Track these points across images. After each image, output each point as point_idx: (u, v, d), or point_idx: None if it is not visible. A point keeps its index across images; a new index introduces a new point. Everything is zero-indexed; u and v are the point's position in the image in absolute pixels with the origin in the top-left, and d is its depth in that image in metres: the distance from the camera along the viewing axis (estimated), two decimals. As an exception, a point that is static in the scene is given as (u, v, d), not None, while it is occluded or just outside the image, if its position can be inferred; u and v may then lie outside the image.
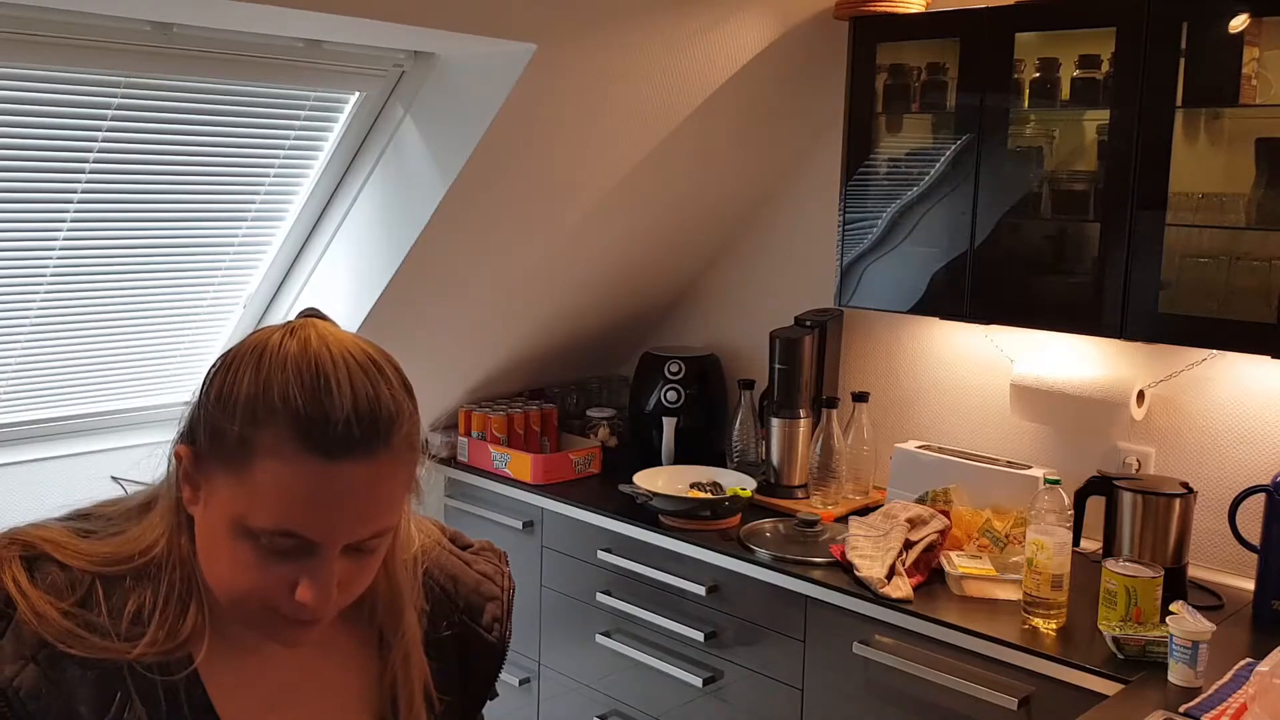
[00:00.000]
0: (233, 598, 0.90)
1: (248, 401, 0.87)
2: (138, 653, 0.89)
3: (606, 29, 2.22)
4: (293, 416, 0.85)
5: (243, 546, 0.88)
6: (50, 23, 1.91)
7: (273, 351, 0.89)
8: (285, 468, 0.85)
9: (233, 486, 0.87)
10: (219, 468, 0.88)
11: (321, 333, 0.90)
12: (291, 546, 0.87)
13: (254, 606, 0.90)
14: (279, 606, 0.89)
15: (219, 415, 0.88)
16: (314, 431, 0.85)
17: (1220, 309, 2.11)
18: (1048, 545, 2.00)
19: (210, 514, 0.90)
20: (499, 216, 2.57)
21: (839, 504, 2.65)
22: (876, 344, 2.86)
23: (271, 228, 2.59)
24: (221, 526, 0.88)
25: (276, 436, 0.85)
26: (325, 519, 0.86)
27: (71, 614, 0.89)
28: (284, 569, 0.88)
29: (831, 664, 2.25)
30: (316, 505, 0.86)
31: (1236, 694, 1.71)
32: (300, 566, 0.88)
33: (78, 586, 0.90)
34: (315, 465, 0.85)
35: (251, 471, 0.86)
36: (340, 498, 0.86)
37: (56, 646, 0.88)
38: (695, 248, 3.13)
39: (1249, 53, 2.01)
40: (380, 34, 2.09)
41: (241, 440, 0.86)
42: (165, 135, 2.24)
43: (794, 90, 2.75)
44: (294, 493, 0.85)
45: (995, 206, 2.33)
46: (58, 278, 2.33)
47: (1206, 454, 2.34)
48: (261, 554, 0.87)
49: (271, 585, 0.88)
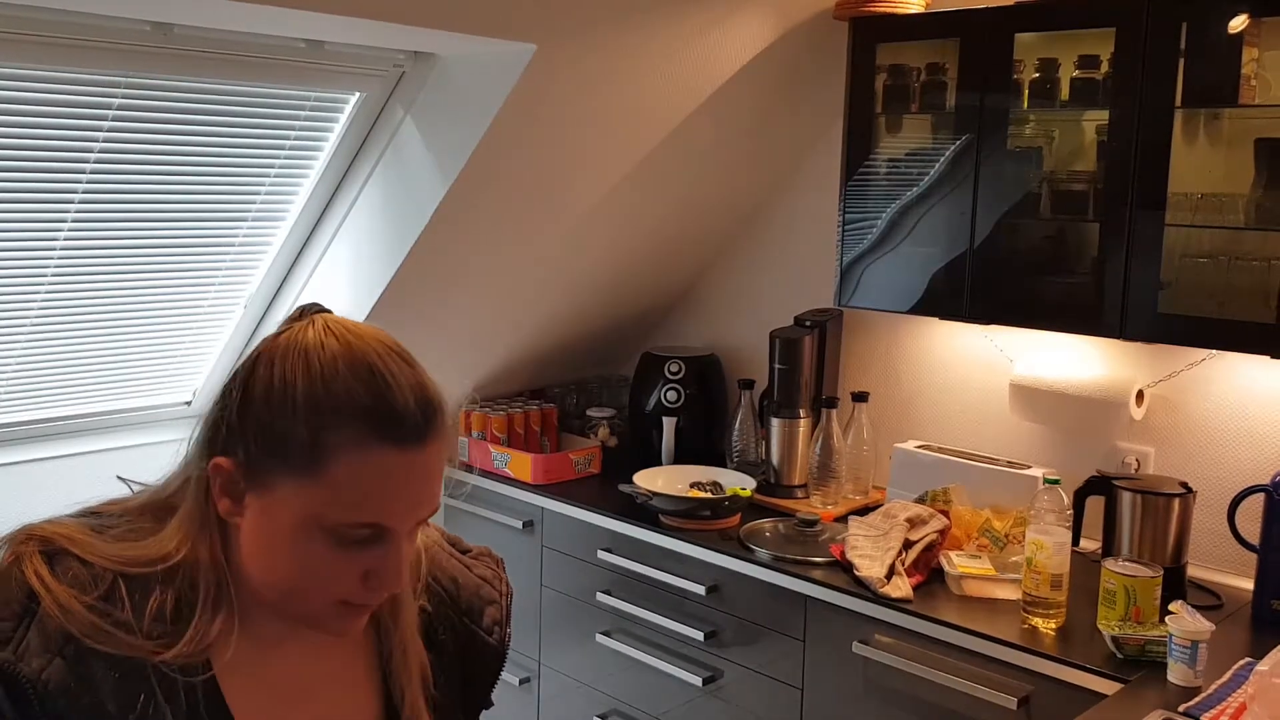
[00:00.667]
0: (298, 594, 0.93)
1: (309, 403, 0.89)
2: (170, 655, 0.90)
3: (606, 29, 2.23)
4: (363, 411, 0.89)
5: (316, 545, 0.90)
6: (50, 23, 1.91)
7: (317, 350, 0.91)
8: (364, 461, 0.88)
9: (306, 488, 0.89)
10: (283, 472, 0.90)
11: (350, 327, 0.95)
12: (369, 536, 0.91)
13: (318, 601, 0.93)
14: (350, 597, 0.93)
15: (277, 420, 0.90)
16: (386, 423, 0.89)
17: (1219, 309, 2.11)
18: (1047, 545, 2.00)
19: (273, 519, 0.91)
20: (499, 217, 2.57)
21: (839, 504, 2.66)
22: (876, 344, 2.86)
23: (272, 228, 2.59)
24: (289, 529, 0.90)
25: (349, 433, 0.88)
26: (403, 505, 0.91)
27: (97, 608, 0.89)
28: (357, 560, 0.91)
29: (831, 664, 2.25)
30: (395, 492, 0.90)
31: (1236, 693, 1.71)
32: (374, 555, 0.92)
33: (100, 582, 0.91)
34: (392, 456, 0.89)
35: (327, 469, 0.88)
36: (414, 483, 0.91)
37: (83, 641, 0.88)
38: (695, 248, 3.13)
39: (1248, 53, 2.01)
40: (380, 34, 2.10)
41: (313, 442, 0.88)
42: (166, 135, 2.24)
43: (794, 90, 2.75)
44: (375, 484, 0.89)
45: (995, 207, 2.33)
46: (58, 278, 2.33)
47: (1206, 454, 2.34)
48: (336, 548, 0.90)
49: (344, 577, 0.92)
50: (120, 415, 2.73)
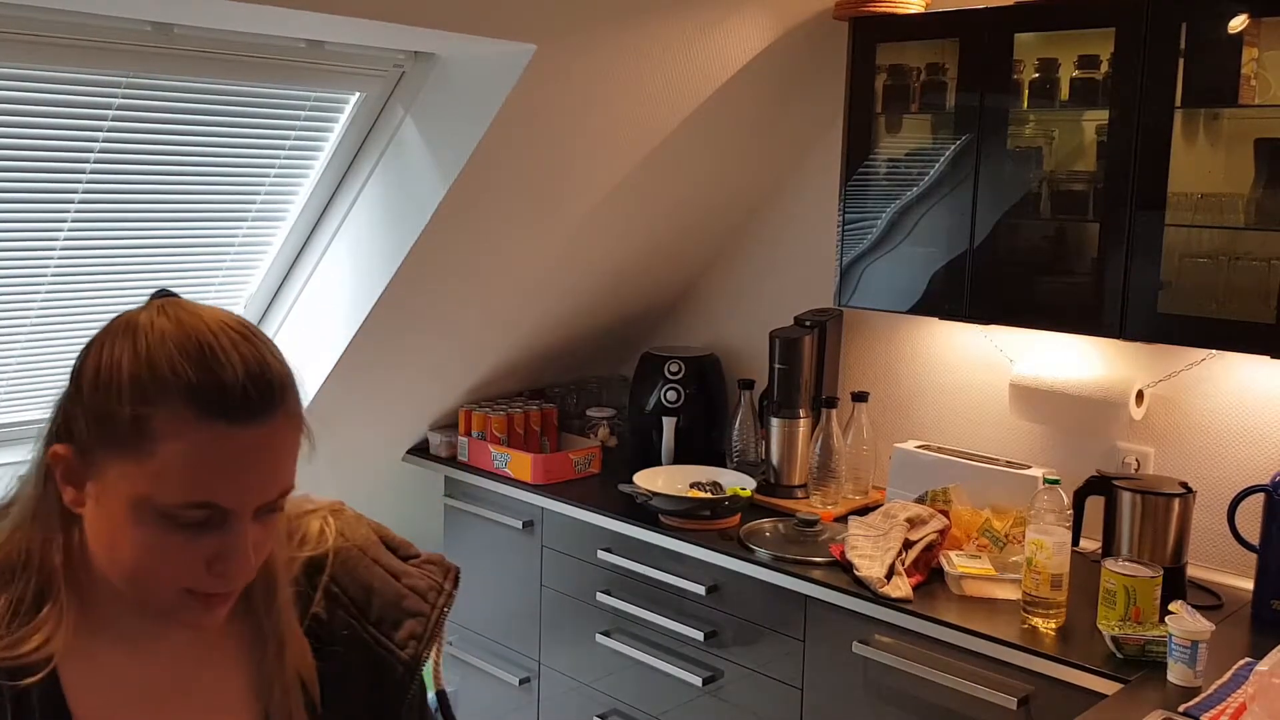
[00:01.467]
0: (142, 584, 0.89)
1: (133, 381, 0.86)
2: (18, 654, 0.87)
3: (606, 29, 2.23)
4: (187, 387, 0.85)
5: (151, 529, 0.87)
6: (50, 23, 1.91)
7: (146, 329, 0.88)
8: (189, 439, 0.85)
9: (132, 469, 0.86)
10: (112, 455, 0.87)
11: (189, 308, 0.91)
12: (205, 518, 0.87)
13: (166, 591, 0.89)
14: (195, 585, 0.89)
15: (103, 401, 0.87)
16: (212, 399, 0.85)
17: (1219, 309, 2.11)
18: (1047, 545, 2.01)
19: (108, 504, 0.88)
20: (499, 216, 2.57)
21: (838, 504, 2.65)
22: (876, 344, 2.86)
23: (272, 228, 2.59)
24: (124, 513, 0.87)
25: (173, 410, 0.85)
26: (236, 483, 0.87)
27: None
28: (198, 545, 0.87)
29: (831, 663, 2.25)
30: (226, 471, 0.86)
31: (1235, 693, 1.71)
32: (214, 539, 0.88)
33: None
34: (219, 431, 0.85)
35: (153, 450, 0.85)
36: (247, 461, 0.87)
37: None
38: (695, 247, 3.13)
39: (1248, 53, 2.01)
40: (380, 34, 2.10)
41: (135, 421, 0.85)
42: (166, 135, 2.24)
43: (794, 90, 2.75)
44: (203, 462, 0.85)
45: (994, 207, 2.33)
46: (59, 278, 2.34)
47: (1205, 454, 2.34)
48: (172, 533, 0.87)
49: (186, 563, 0.88)
50: (120, 415, 2.73)
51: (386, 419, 3.03)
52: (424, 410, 3.09)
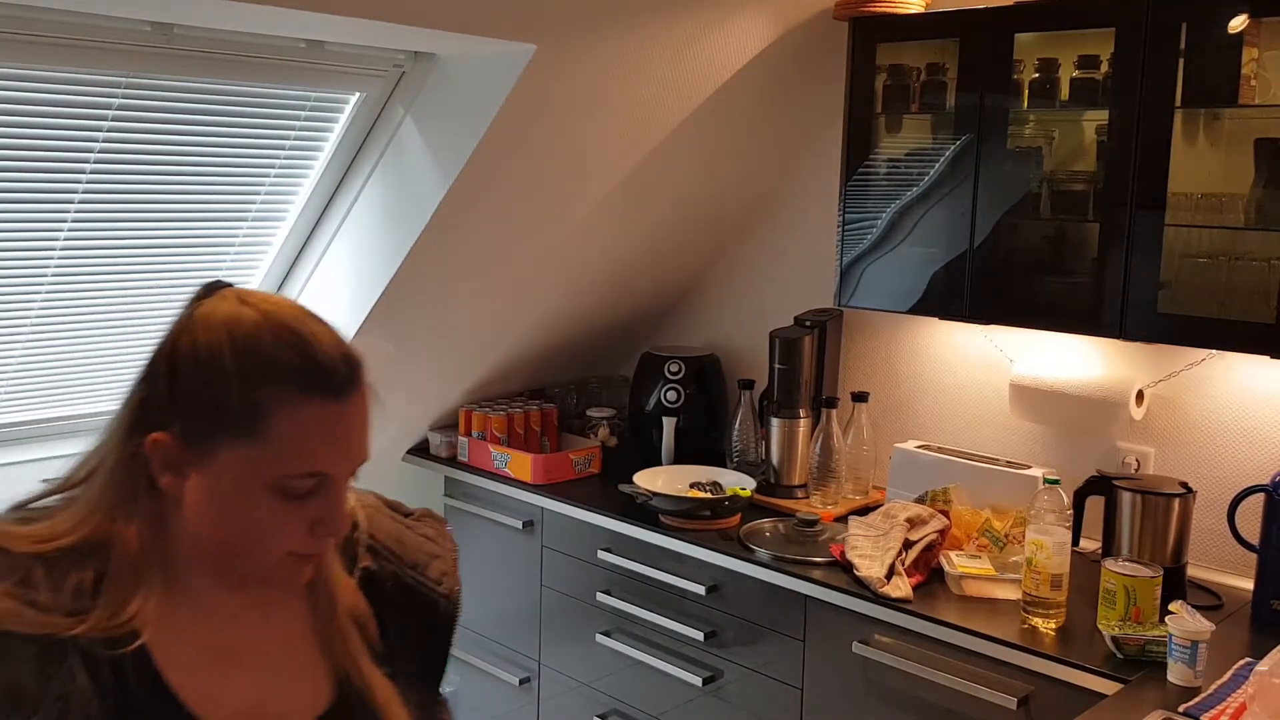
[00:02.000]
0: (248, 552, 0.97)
1: (239, 369, 0.93)
2: (80, 630, 0.93)
3: (606, 29, 2.23)
4: (290, 370, 0.94)
5: (263, 501, 0.95)
6: (50, 23, 1.91)
7: (237, 320, 0.95)
8: (298, 416, 0.94)
9: (247, 449, 0.94)
10: (224, 439, 0.94)
11: (263, 297, 0.99)
12: (312, 486, 0.96)
13: (272, 555, 0.98)
14: (298, 547, 0.98)
15: (210, 390, 0.94)
16: (313, 378, 0.94)
17: (1219, 309, 2.11)
18: (1047, 545, 2.00)
19: (219, 484, 0.95)
20: (499, 217, 2.57)
21: (839, 504, 2.65)
22: (876, 344, 2.86)
23: (272, 228, 2.59)
24: (236, 490, 0.95)
25: (280, 392, 0.93)
26: (338, 451, 0.97)
27: (12, 594, 0.93)
28: (304, 510, 0.97)
29: (831, 664, 2.25)
30: (329, 440, 0.96)
31: (1236, 693, 1.71)
32: (318, 504, 0.97)
33: (18, 568, 0.94)
34: (324, 407, 0.95)
35: (265, 430, 0.93)
36: (344, 429, 0.97)
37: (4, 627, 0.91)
38: (695, 247, 3.13)
39: (1248, 53, 2.01)
40: (380, 34, 2.10)
41: (247, 405, 0.93)
42: (166, 135, 2.24)
43: (794, 90, 2.75)
44: (310, 435, 0.95)
45: (994, 207, 2.33)
46: (59, 278, 2.34)
47: (1206, 454, 2.34)
48: (283, 502, 0.96)
49: (293, 528, 0.97)
50: (120, 415, 2.73)
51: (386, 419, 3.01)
52: (424, 410, 3.09)
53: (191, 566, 1.00)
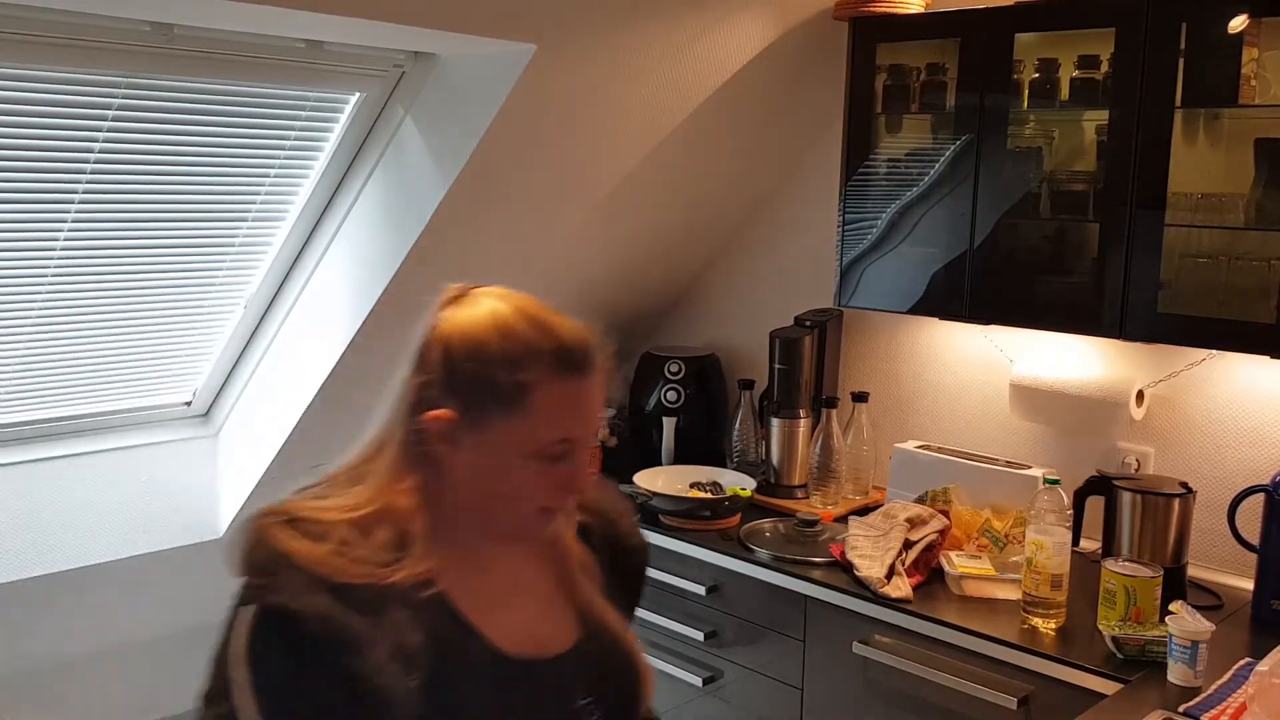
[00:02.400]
0: (511, 509, 1.17)
1: (505, 356, 1.12)
2: (401, 576, 1.10)
3: (606, 29, 2.23)
4: (546, 354, 1.13)
5: (525, 465, 1.14)
6: (50, 23, 1.91)
7: (500, 315, 1.15)
8: (555, 392, 1.13)
9: (512, 422, 1.13)
10: (494, 413, 1.13)
11: (507, 293, 1.18)
12: (563, 451, 1.14)
13: (528, 511, 1.17)
14: (550, 503, 1.17)
15: (482, 373, 1.13)
16: (565, 359, 1.13)
17: (1219, 309, 2.11)
18: (1047, 545, 2.00)
19: (491, 452, 1.14)
20: (499, 217, 2.57)
21: (839, 504, 2.65)
22: (876, 344, 2.86)
23: (272, 228, 2.59)
24: (504, 458, 1.14)
25: (540, 373, 1.12)
26: (585, 421, 1.17)
27: (339, 551, 1.10)
28: (557, 472, 1.15)
29: (831, 664, 2.25)
30: (578, 411, 1.16)
31: (1236, 694, 1.71)
32: (567, 466, 1.15)
33: (335, 533, 1.11)
34: (574, 383, 1.14)
35: (528, 404, 1.12)
36: (589, 403, 1.17)
37: (333, 579, 1.08)
38: (695, 247, 3.13)
39: (1248, 53, 2.01)
40: (380, 34, 2.10)
41: (514, 385, 1.12)
42: (166, 136, 2.24)
43: (794, 90, 2.75)
44: (564, 407, 1.14)
45: (995, 207, 2.33)
46: (59, 278, 2.33)
47: (1206, 454, 2.34)
48: (540, 465, 1.14)
49: (548, 487, 1.15)
50: (120, 415, 2.73)
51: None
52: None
53: (460, 525, 1.18)
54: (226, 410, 2.91)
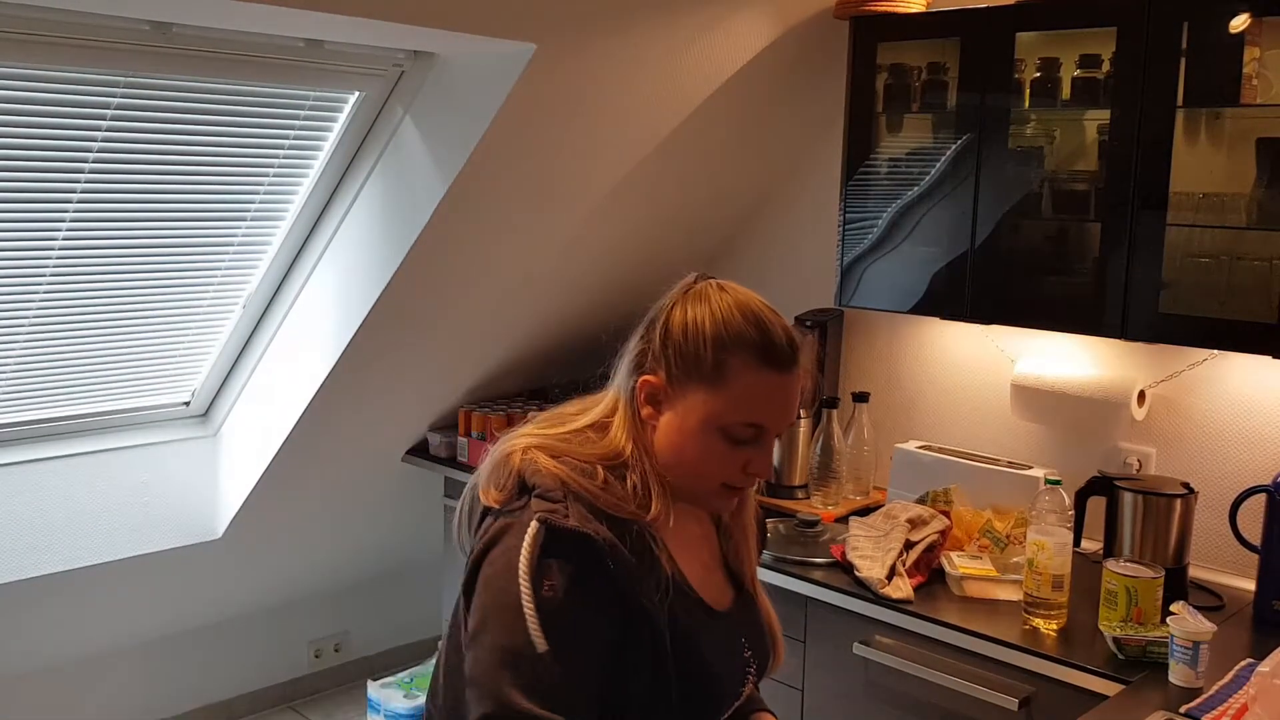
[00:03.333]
0: (696, 477, 1.26)
1: (715, 337, 1.23)
2: (651, 515, 1.22)
3: (606, 29, 2.22)
4: (752, 343, 1.23)
5: (713, 440, 1.23)
6: (50, 23, 1.91)
7: (717, 299, 1.26)
8: (752, 379, 1.22)
9: (708, 397, 1.23)
10: (694, 385, 1.23)
11: (735, 287, 1.28)
12: (750, 435, 1.24)
13: (711, 484, 1.26)
14: (731, 481, 1.26)
15: (691, 348, 1.24)
16: (768, 352, 1.23)
17: (1221, 309, 2.10)
18: (1048, 546, 2.00)
19: (685, 420, 1.24)
20: (498, 216, 2.57)
21: (839, 504, 2.65)
22: (877, 344, 2.86)
23: (271, 227, 2.59)
24: (697, 427, 1.23)
25: (743, 359, 1.22)
26: (776, 413, 1.25)
27: (606, 489, 1.22)
28: (741, 453, 1.24)
29: (832, 664, 2.25)
30: (770, 402, 1.24)
31: (1237, 694, 1.71)
32: (752, 450, 1.25)
33: (596, 474, 1.23)
34: (772, 376, 1.23)
35: (726, 384, 1.22)
36: (783, 397, 1.25)
37: (606, 511, 1.19)
38: (695, 247, 3.12)
39: (1249, 53, 2.01)
40: (380, 34, 2.09)
41: (716, 364, 1.22)
42: (164, 135, 2.23)
43: (794, 90, 2.75)
44: (758, 395, 1.23)
45: (996, 206, 2.32)
46: (57, 278, 2.33)
47: (1207, 454, 2.34)
48: (726, 444, 1.23)
49: (730, 467, 1.25)
50: (119, 415, 2.73)
51: (386, 419, 3.02)
52: (424, 410, 3.09)
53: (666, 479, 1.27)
54: (225, 410, 2.91)
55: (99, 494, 2.69)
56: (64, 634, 2.76)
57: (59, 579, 2.63)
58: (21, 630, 2.66)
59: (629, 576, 1.18)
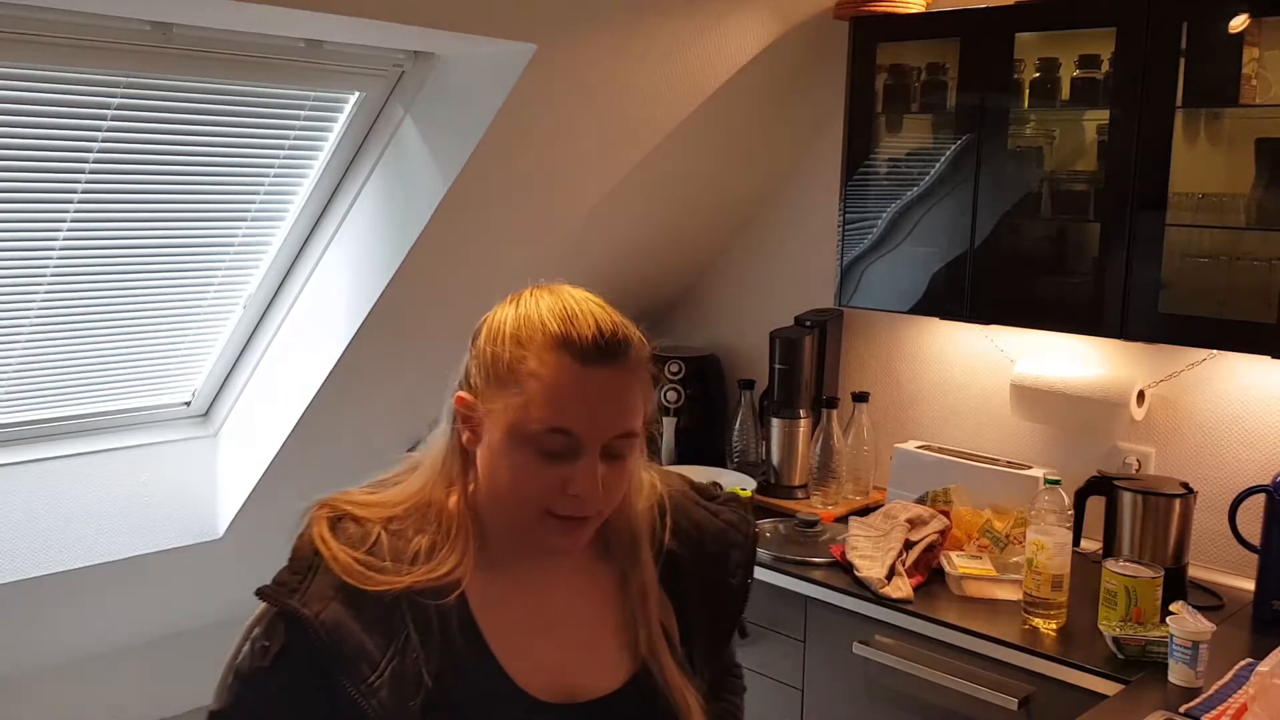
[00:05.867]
0: (513, 504, 1.09)
1: (513, 333, 1.09)
2: (411, 580, 1.07)
3: (606, 29, 2.22)
4: (551, 336, 1.06)
5: (521, 453, 1.06)
6: (50, 23, 1.91)
7: (526, 298, 1.12)
8: (550, 373, 1.05)
9: (508, 401, 1.07)
10: (495, 391, 1.08)
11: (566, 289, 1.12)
12: (562, 446, 1.05)
13: (531, 511, 1.08)
14: (553, 506, 1.07)
15: (490, 351, 1.10)
16: (569, 343, 1.06)
17: (1220, 309, 2.11)
18: (1048, 545, 2.00)
19: (491, 435, 1.09)
20: (499, 216, 2.57)
21: (839, 504, 2.65)
22: (876, 344, 2.86)
23: (271, 228, 2.59)
24: (502, 440, 1.07)
25: (541, 352, 1.06)
26: (586, 415, 1.05)
27: (362, 560, 1.08)
28: (556, 470, 1.06)
29: (831, 664, 2.25)
30: (578, 402, 1.05)
31: (1237, 694, 1.71)
32: (569, 467, 1.06)
33: (368, 539, 1.10)
34: (573, 369, 1.05)
35: (524, 383, 1.06)
36: (595, 397, 1.06)
37: (351, 584, 1.06)
38: (695, 248, 3.12)
39: (1249, 53, 2.01)
40: (380, 34, 2.09)
41: (512, 361, 1.07)
42: (165, 135, 2.23)
43: (794, 90, 2.75)
44: (560, 392, 1.05)
45: (995, 206, 2.32)
46: (58, 278, 2.33)
47: (1206, 454, 2.34)
48: (537, 458, 1.06)
49: (547, 485, 1.06)
50: (120, 415, 2.72)
51: (386, 419, 3.02)
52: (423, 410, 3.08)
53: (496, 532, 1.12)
54: (226, 410, 2.91)
55: (99, 494, 2.69)
56: (64, 634, 2.76)
57: (59, 579, 2.63)
58: (22, 630, 2.66)
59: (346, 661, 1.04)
